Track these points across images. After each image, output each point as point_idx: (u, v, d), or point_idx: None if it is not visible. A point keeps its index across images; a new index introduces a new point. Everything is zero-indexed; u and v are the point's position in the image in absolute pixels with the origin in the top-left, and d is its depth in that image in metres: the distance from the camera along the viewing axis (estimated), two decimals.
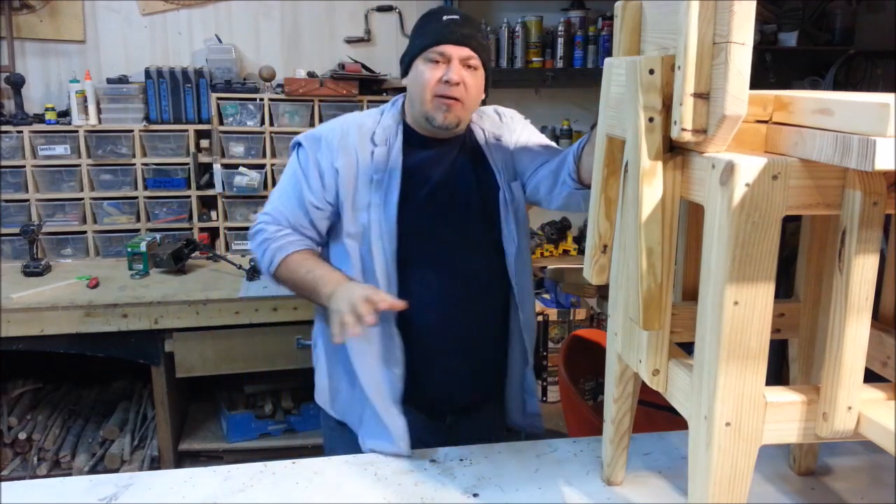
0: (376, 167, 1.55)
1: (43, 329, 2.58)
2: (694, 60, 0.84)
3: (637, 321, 0.96)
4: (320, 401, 1.67)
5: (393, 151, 1.56)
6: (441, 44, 1.51)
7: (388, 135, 1.58)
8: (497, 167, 1.63)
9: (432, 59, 1.52)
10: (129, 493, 1.28)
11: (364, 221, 1.53)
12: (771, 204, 0.83)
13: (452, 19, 1.55)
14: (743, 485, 0.90)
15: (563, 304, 2.83)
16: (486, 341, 1.65)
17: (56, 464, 2.92)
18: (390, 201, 1.53)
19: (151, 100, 3.18)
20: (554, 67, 3.69)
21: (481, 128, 1.68)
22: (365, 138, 1.57)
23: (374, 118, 1.62)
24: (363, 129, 1.58)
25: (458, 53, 1.51)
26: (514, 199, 1.62)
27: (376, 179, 1.54)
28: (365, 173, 1.55)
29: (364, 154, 1.55)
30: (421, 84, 1.53)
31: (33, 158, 3.10)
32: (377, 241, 1.52)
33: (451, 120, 1.54)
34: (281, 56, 3.48)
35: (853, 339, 0.86)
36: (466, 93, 1.53)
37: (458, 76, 1.51)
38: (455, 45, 1.51)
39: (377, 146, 1.56)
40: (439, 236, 1.58)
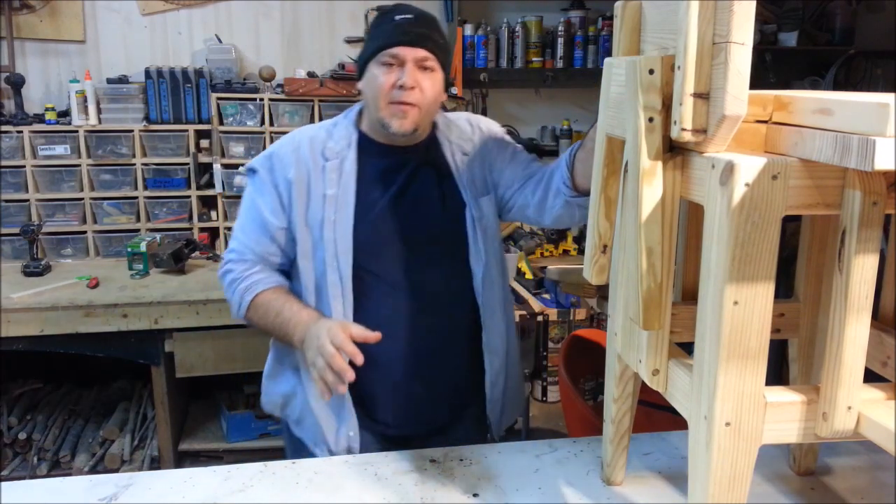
0: (329, 182, 1.47)
1: (43, 329, 2.58)
2: (694, 60, 0.84)
3: (637, 321, 0.96)
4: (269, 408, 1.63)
5: (346, 164, 1.48)
6: (393, 45, 1.42)
7: (341, 147, 1.50)
8: (462, 182, 1.53)
9: (385, 62, 1.43)
10: (129, 493, 1.28)
11: (317, 239, 1.46)
12: (771, 204, 0.83)
13: (406, 18, 1.44)
14: (743, 485, 0.90)
15: (563, 304, 2.83)
16: (448, 364, 1.56)
17: (56, 464, 2.93)
18: (344, 218, 1.45)
19: (151, 100, 3.19)
20: (554, 67, 3.70)
21: (448, 139, 1.57)
22: (316, 152, 1.49)
23: (326, 130, 1.53)
24: (314, 142, 1.50)
25: (413, 55, 1.42)
26: (482, 217, 1.53)
27: (329, 195, 1.46)
28: (317, 189, 1.47)
29: (316, 169, 1.48)
30: (374, 89, 1.44)
31: (33, 158, 3.11)
32: (332, 260, 1.45)
33: (406, 127, 1.44)
34: (281, 56, 3.48)
35: (853, 339, 0.86)
36: (423, 97, 1.44)
37: (412, 80, 1.41)
38: (408, 46, 1.42)
39: (329, 160, 1.48)
40: (397, 254, 1.49)
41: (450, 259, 1.53)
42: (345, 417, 1.49)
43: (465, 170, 1.54)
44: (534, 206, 1.52)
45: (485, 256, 1.52)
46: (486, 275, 1.53)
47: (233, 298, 1.51)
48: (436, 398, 1.55)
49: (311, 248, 1.47)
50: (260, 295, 1.48)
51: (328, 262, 1.45)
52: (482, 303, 1.54)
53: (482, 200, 1.54)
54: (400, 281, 1.49)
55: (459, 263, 1.53)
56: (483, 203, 1.54)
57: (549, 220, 1.52)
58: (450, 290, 1.53)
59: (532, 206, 1.52)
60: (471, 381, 1.59)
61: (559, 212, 1.47)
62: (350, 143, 1.50)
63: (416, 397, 1.53)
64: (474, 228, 1.52)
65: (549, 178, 1.49)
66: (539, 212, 1.51)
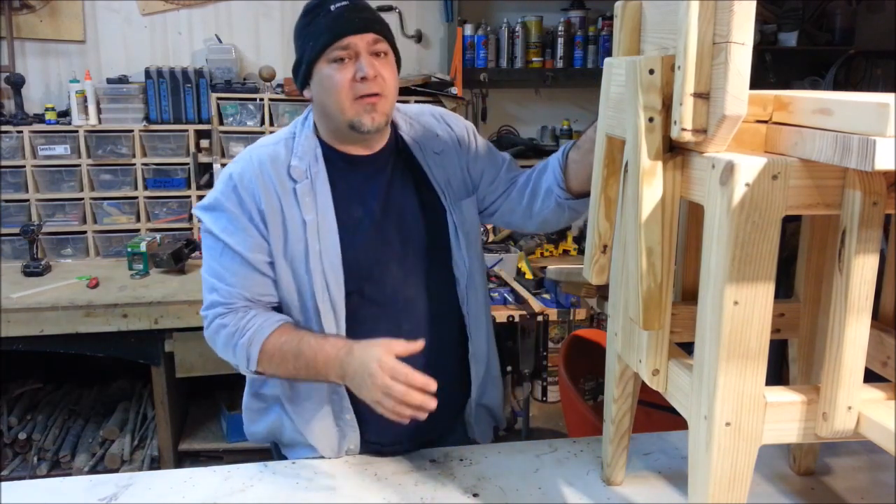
0: (304, 207, 1.33)
1: (43, 329, 2.58)
2: (694, 60, 0.84)
3: (637, 321, 0.96)
4: None
5: (318, 184, 1.35)
6: (341, 36, 1.28)
7: (308, 164, 1.35)
8: (440, 185, 1.42)
9: (336, 57, 1.29)
10: (129, 493, 1.28)
11: (302, 272, 1.34)
12: (771, 204, 0.83)
13: (343, 6, 1.30)
14: (743, 485, 0.90)
15: (563, 304, 2.83)
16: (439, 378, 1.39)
17: (56, 464, 2.92)
18: (330, 246, 1.34)
19: (151, 100, 3.19)
20: (554, 67, 3.70)
21: (414, 139, 1.44)
22: (282, 174, 1.34)
23: (285, 145, 1.38)
24: (276, 162, 1.35)
25: (364, 42, 1.29)
26: (464, 222, 1.43)
27: (308, 221, 1.33)
28: (292, 217, 1.33)
29: (286, 194, 1.33)
30: (333, 90, 1.30)
31: (33, 158, 3.11)
32: (321, 291, 1.33)
33: (379, 120, 1.32)
34: (281, 56, 3.48)
35: (853, 339, 0.86)
36: (386, 85, 1.31)
37: (372, 69, 1.28)
38: (358, 33, 1.28)
39: (298, 182, 1.34)
40: (386, 272, 1.38)
41: (434, 269, 1.43)
42: (347, 432, 1.42)
43: (440, 171, 1.43)
44: (521, 211, 1.46)
45: (468, 263, 1.44)
46: (471, 282, 1.45)
47: (237, 355, 1.34)
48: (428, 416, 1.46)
49: (295, 281, 1.35)
50: (267, 342, 1.31)
51: (318, 294, 1.33)
52: (467, 311, 1.46)
53: (463, 204, 1.45)
54: (390, 299, 1.39)
55: (443, 272, 1.44)
56: (464, 206, 1.45)
57: (536, 224, 1.46)
58: (437, 302, 1.44)
59: (519, 211, 1.46)
60: (458, 393, 1.51)
61: (548, 215, 1.42)
62: (316, 157, 1.37)
63: None
64: (457, 235, 1.42)
65: (536, 181, 1.43)
66: (525, 217, 1.46)
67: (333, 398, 1.40)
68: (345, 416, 1.41)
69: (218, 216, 1.36)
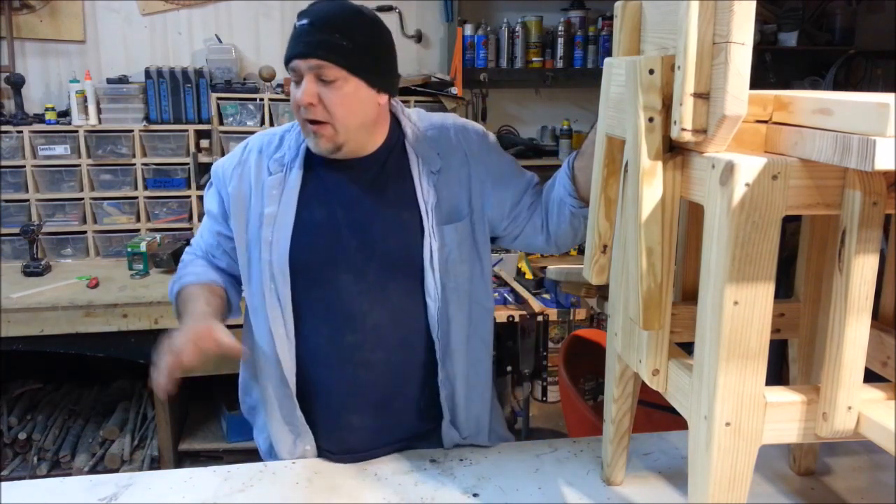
0: (268, 199, 1.35)
1: (43, 329, 2.58)
2: (694, 60, 0.84)
3: (637, 321, 0.96)
4: None
5: (290, 179, 1.36)
6: (290, 59, 1.28)
7: (289, 159, 1.37)
8: (426, 206, 1.35)
9: (293, 77, 1.29)
10: (129, 493, 1.28)
11: (254, 260, 1.36)
12: (771, 204, 0.83)
13: (302, 25, 1.28)
14: (743, 485, 0.90)
15: (563, 304, 2.83)
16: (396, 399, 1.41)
17: (56, 464, 2.93)
18: (281, 238, 1.33)
19: (151, 100, 3.19)
20: (554, 67, 3.70)
21: (417, 153, 1.38)
22: (262, 166, 1.38)
23: (280, 137, 1.42)
24: (263, 153, 1.40)
25: (307, 65, 1.25)
26: (442, 246, 1.35)
27: (267, 213, 1.34)
28: (256, 207, 1.37)
29: (257, 185, 1.37)
30: (292, 107, 1.31)
31: (33, 158, 3.11)
32: (268, 282, 1.34)
33: (324, 146, 1.30)
34: (281, 56, 3.47)
35: (853, 339, 0.86)
36: (329, 114, 1.26)
37: (308, 96, 1.25)
38: (301, 58, 1.26)
39: (272, 174, 1.37)
40: (339, 280, 1.34)
41: (401, 289, 1.37)
42: (299, 431, 1.41)
43: (431, 191, 1.36)
44: (543, 233, 1.43)
45: (440, 290, 1.35)
46: (443, 311, 1.36)
47: (171, 285, 1.47)
48: (383, 430, 1.41)
49: (249, 269, 1.39)
50: (185, 288, 1.42)
51: (265, 285, 1.35)
52: (438, 338, 1.37)
53: (446, 228, 1.36)
54: (339, 308, 1.35)
55: (413, 294, 1.37)
56: (446, 231, 1.36)
57: (554, 243, 1.43)
58: (398, 322, 1.37)
59: (542, 234, 1.43)
60: (427, 417, 1.44)
61: (565, 229, 1.38)
62: (298, 153, 1.37)
63: (356, 428, 1.40)
64: (431, 259, 1.35)
65: (547, 198, 1.42)
66: (546, 237, 1.43)
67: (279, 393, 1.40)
68: (295, 413, 1.40)
69: (208, 185, 1.51)
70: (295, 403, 1.40)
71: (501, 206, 1.42)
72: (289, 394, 1.39)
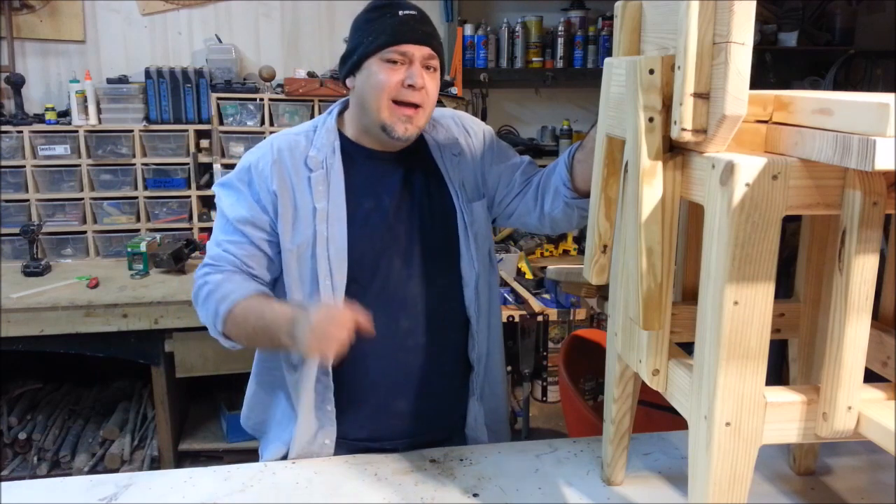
0: (317, 195, 1.37)
1: (43, 329, 2.58)
2: (694, 60, 0.84)
3: (637, 321, 0.96)
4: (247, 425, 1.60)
5: (332, 175, 1.39)
6: (401, 42, 1.32)
7: (325, 155, 1.40)
8: (454, 186, 1.45)
9: (391, 59, 1.32)
10: (129, 493, 1.28)
11: (307, 257, 1.37)
12: (771, 204, 0.83)
13: (411, 14, 1.35)
14: (743, 485, 0.90)
15: (563, 304, 2.83)
16: (436, 382, 1.46)
17: (56, 464, 2.93)
18: (337, 233, 1.37)
19: (151, 100, 3.19)
20: (554, 67, 3.70)
21: (434, 140, 1.48)
22: (299, 162, 1.39)
23: (306, 136, 1.43)
24: (295, 151, 1.40)
25: (420, 53, 1.33)
26: (473, 222, 1.45)
27: (319, 209, 1.37)
28: (304, 203, 1.38)
29: (300, 181, 1.38)
30: (377, 88, 1.33)
31: (33, 158, 3.11)
32: (325, 277, 1.36)
33: (411, 132, 1.36)
34: (281, 56, 3.49)
35: (853, 339, 0.86)
36: (428, 99, 1.36)
37: (422, 80, 1.33)
38: (416, 44, 1.33)
39: (313, 171, 1.39)
40: (391, 267, 1.40)
41: (442, 270, 1.44)
42: (324, 424, 1.43)
43: (456, 172, 1.46)
44: (535, 213, 1.47)
45: (477, 264, 1.45)
46: (478, 284, 1.46)
47: (208, 310, 1.36)
48: (424, 414, 1.46)
49: (299, 266, 1.39)
50: (238, 304, 1.32)
51: (321, 280, 1.36)
52: (472, 314, 1.46)
53: (474, 205, 1.47)
54: (393, 295, 1.41)
55: (451, 272, 1.45)
56: (475, 208, 1.47)
57: (548, 225, 1.47)
58: (441, 303, 1.44)
59: (534, 213, 1.47)
60: (457, 397, 1.51)
61: (558, 215, 1.42)
62: (334, 149, 1.41)
63: (400, 415, 1.45)
64: (466, 235, 1.44)
65: (546, 182, 1.45)
66: (540, 218, 1.46)
67: (318, 387, 1.42)
68: (325, 407, 1.42)
69: (228, 192, 1.43)
70: (331, 397, 1.42)
71: (496, 184, 1.50)
72: (327, 383, 1.41)
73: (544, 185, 1.45)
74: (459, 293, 1.46)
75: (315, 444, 1.43)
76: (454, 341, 1.48)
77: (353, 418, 1.44)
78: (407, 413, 1.45)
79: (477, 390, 1.51)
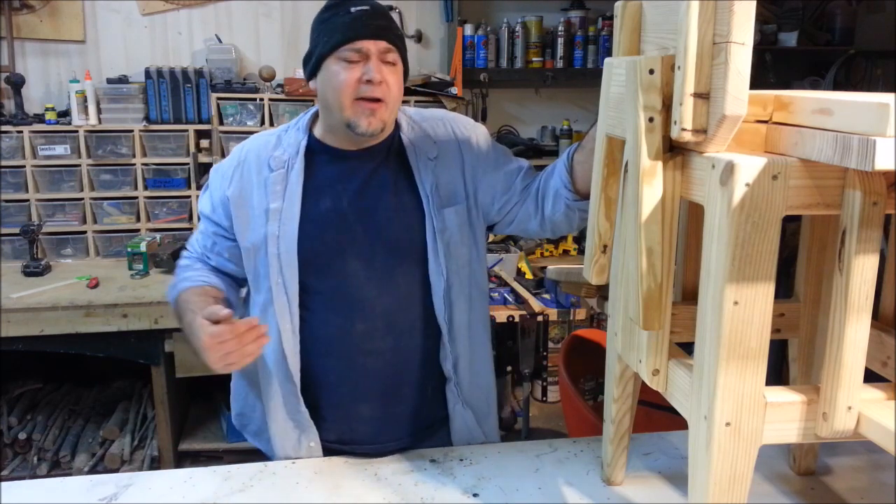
0: (272, 195, 1.38)
1: (43, 329, 2.58)
2: (694, 60, 0.84)
3: (637, 321, 0.96)
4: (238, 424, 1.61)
5: (292, 174, 1.39)
6: (356, 39, 1.31)
7: (289, 155, 1.40)
8: (425, 190, 1.41)
9: (347, 57, 1.32)
10: (129, 493, 1.28)
11: (261, 256, 1.38)
12: (771, 204, 0.83)
13: (363, 10, 1.34)
14: (743, 485, 0.90)
15: (563, 304, 2.83)
16: (404, 385, 1.45)
17: (56, 464, 2.93)
18: (288, 232, 1.36)
19: (151, 100, 3.19)
20: (554, 67, 3.70)
21: (411, 140, 1.44)
22: (262, 163, 1.41)
23: (277, 136, 1.44)
24: (262, 152, 1.42)
25: (376, 48, 1.32)
26: (444, 229, 1.40)
27: (272, 209, 1.37)
28: (259, 204, 1.39)
29: (259, 184, 1.40)
30: (337, 87, 1.33)
31: (33, 158, 3.11)
32: (276, 276, 1.37)
33: (375, 125, 1.34)
34: (281, 56, 3.49)
35: (853, 339, 0.86)
36: (389, 92, 1.34)
37: (379, 74, 1.32)
38: (371, 39, 1.32)
39: (273, 171, 1.39)
40: (347, 268, 1.38)
41: (407, 274, 1.41)
42: (304, 427, 1.43)
43: (428, 176, 1.42)
44: (537, 218, 1.44)
45: (447, 272, 1.40)
46: (448, 292, 1.42)
47: (168, 291, 1.48)
48: (391, 419, 1.45)
49: (254, 266, 1.41)
50: (184, 292, 1.40)
51: (273, 279, 1.37)
52: (442, 322, 1.42)
53: (446, 211, 1.41)
54: (349, 297, 1.39)
55: (416, 278, 1.41)
56: (447, 214, 1.41)
57: (549, 229, 1.46)
58: (404, 307, 1.42)
59: (535, 218, 1.45)
60: (435, 404, 1.48)
61: (559, 218, 1.41)
62: (298, 149, 1.41)
63: (365, 419, 1.44)
64: (434, 241, 1.40)
65: (545, 185, 1.43)
66: (541, 223, 1.45)
67: (284, 389, 1.42)
68: (300, 409, 1.42)
69: (204, 191, 1.53)
70: (300, 399, 1.41)
71: (493, 191, 1.46)
72: (293, 390, 1.41)
73: (544, 190, 1.43)
74: (427, 300, 1.42)
75: (302, 449, 1.43)
76: (422, 348, 1.44)
77: (321, 422, 1.44)
78: (373, 417, 1.43)
79: (460, 397, 1.47)
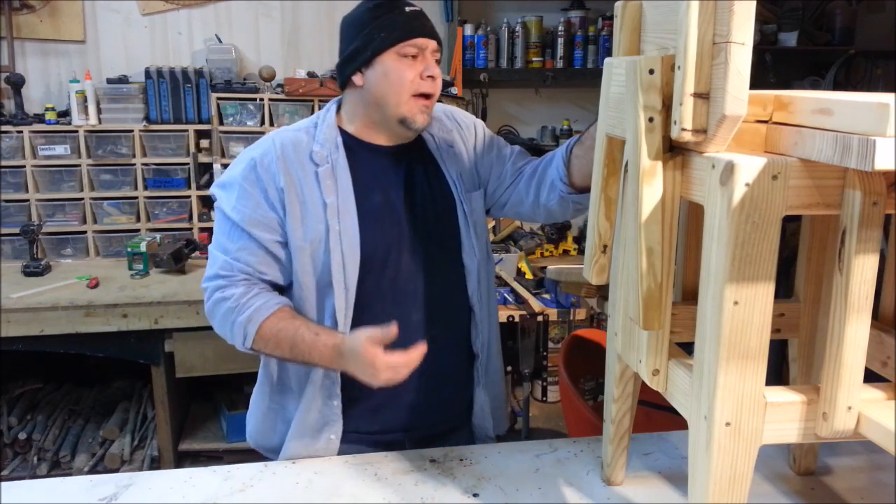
0: (325, 189, 1.37)
1: (43, 329, 2.58)
2: (694, 60, 0.84)
3: (637, 321, 0.96)
4: None
5: (339, 169, 1.39)
6: (416, 36, 1.36)
7: (329, 151, 1.40)
8: (452, 178, 1.48)
9: (407, 53, 1.35)
10: (129, 493, 1.28)
11: (320, 252, 1.37)
12: (771, 204, 0.83)
13: (416, 10, 1.40)
14: (743, 485, 0.90)
15: (563, 304, 2.83)
16: (443, 372, 1.46)
17: (56, 464, 2.92)
18: (349, 227, 1.37)
19: (151, 100, 3.19)
20: (554, 67, 3.70)
21: (430, 132, 1.50)
22: (304, 158, 1.39)
23: (307, 132, 1.43)
24: (299, 147, 1.40)
25: (430, 46, 1.38)
26: (472, 212, 1.49)
27: (329, 203, 1.37)
28: (313, 198, 1.37)
29: (307, 176, 1.38)
30: (398, 83, 1.35)
31: (33, 158, 3.11)
32: (338, 272, 1.36)
33: (428, 120, 1.41)
34: (281, 56, 3.49)
35: (853, 339, 0.86)
36: (438, 88, 1.41)
37: (437, 70, 1.39)
38: (428, 37, 1.38)
39: (320, 166, 1.38)
40: (400, 259, 1.42)
41: (446, 261, 1.47)
42: (330, 420, 1.44)
43: (452, 164, 1.49)
44: (529, 203, 1.48)
45: (478, 253, 1.49)
46: (480, 272, 1.49)
47: (234, 331, 1.37)
48: (428, 407, 1.48)
49: (312, 262, 1.38)
50: (265, 323, 1.34)
51: (335, 275, 1.36)
52: (475, 303, 1.49)
53: (472, 195, 1.50)
54: (403, 289, 1.43)
55: (455, 264, 1.48)
56: (473, 198, 1.50)
57: (543, 215, 1.49)
58: (446, 294, 1.47)
59: (527, 203, 1.49)
60: (462, 389, 1.54)
61: (553, 206, 1.45)
62: (336, 145, 1.41)
63: (408, 407, 1.46)
64: (467, 224, 1.47)
65: (542, 173, 1.46)
66: (534, 207, 1.48)
67: (325, 382, 1.43)
68: (332, 403, 1.43)
69: (230, 193, 1.40)
70: (336, 394, 1.43)
71: (487, 175, 1.53)
72: (331, 385, 1.42)
73: (540, 176, 1.46)
74: (463, 284, 1.48)
75: (321, 441, 1.44)
76: (459, 332, 1.51)
77: (361, 412, 1.45)
78: (415, 405, 1.47)
79: (482, 379, 1.54)
